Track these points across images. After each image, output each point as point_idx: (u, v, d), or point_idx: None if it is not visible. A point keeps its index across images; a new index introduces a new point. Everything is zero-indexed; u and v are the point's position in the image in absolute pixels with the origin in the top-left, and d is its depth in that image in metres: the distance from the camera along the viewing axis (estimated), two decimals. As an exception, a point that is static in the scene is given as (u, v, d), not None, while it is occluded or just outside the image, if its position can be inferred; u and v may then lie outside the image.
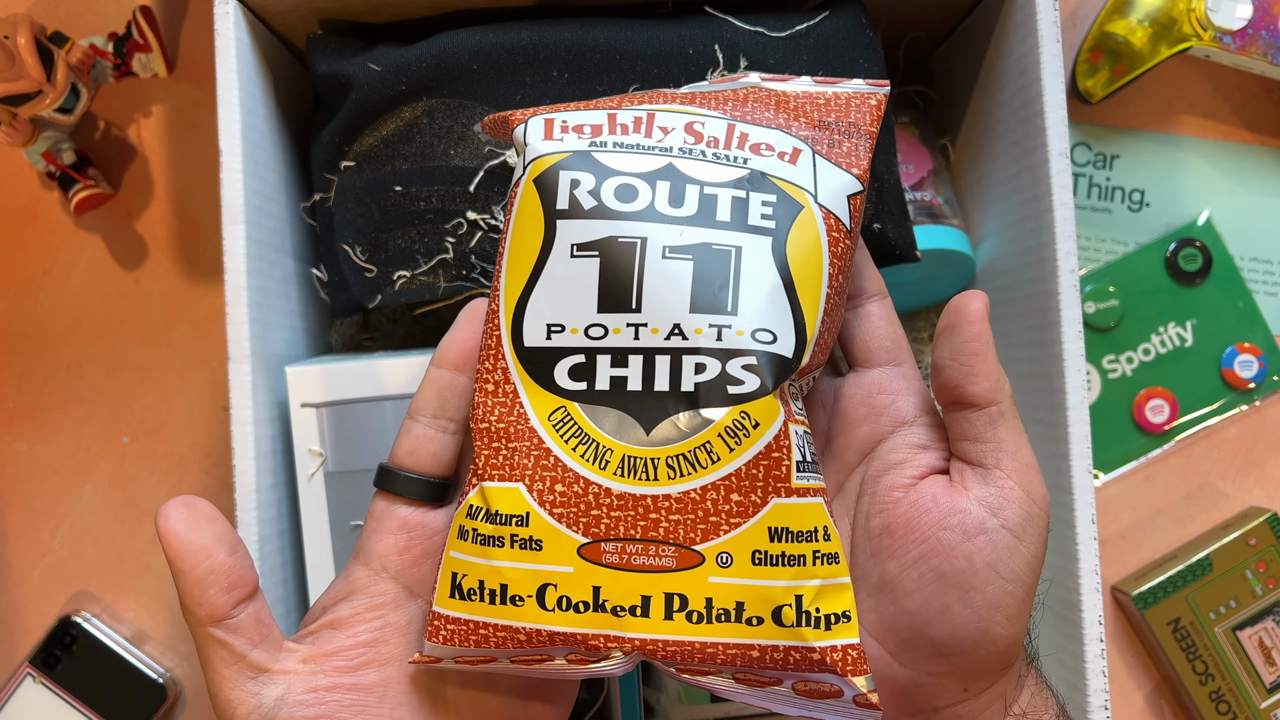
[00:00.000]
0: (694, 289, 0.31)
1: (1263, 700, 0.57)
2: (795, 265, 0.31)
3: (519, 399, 0.32)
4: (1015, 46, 0.46)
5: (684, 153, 0.33)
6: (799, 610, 0.30)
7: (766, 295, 0.31)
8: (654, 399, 0.31)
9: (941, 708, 0.33)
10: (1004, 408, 0.32)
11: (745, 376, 0.30)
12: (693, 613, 0.30)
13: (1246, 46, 0.56)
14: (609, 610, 0.30)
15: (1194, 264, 0.61)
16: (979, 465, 0.32)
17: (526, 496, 0.31)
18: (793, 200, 0.32)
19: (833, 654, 0.30)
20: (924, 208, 0.52)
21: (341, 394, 0.44)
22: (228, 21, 0.43)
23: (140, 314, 0.60)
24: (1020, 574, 0.31)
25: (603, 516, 0.30)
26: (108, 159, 0.60)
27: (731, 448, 0.30)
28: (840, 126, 0.34)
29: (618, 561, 0.30)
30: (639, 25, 0.44)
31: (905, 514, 0.32)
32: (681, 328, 0.31)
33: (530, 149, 0.34)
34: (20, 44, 0.51)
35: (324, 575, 0.45)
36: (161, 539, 0.30)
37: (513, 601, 0.30)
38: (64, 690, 0.57)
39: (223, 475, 0.59)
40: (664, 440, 0.30)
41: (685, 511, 0.30)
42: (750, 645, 0.30)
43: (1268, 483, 0.61)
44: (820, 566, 0.30)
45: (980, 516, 0.31)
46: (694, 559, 0.30)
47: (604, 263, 0.31)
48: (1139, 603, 0.57)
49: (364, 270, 0.45)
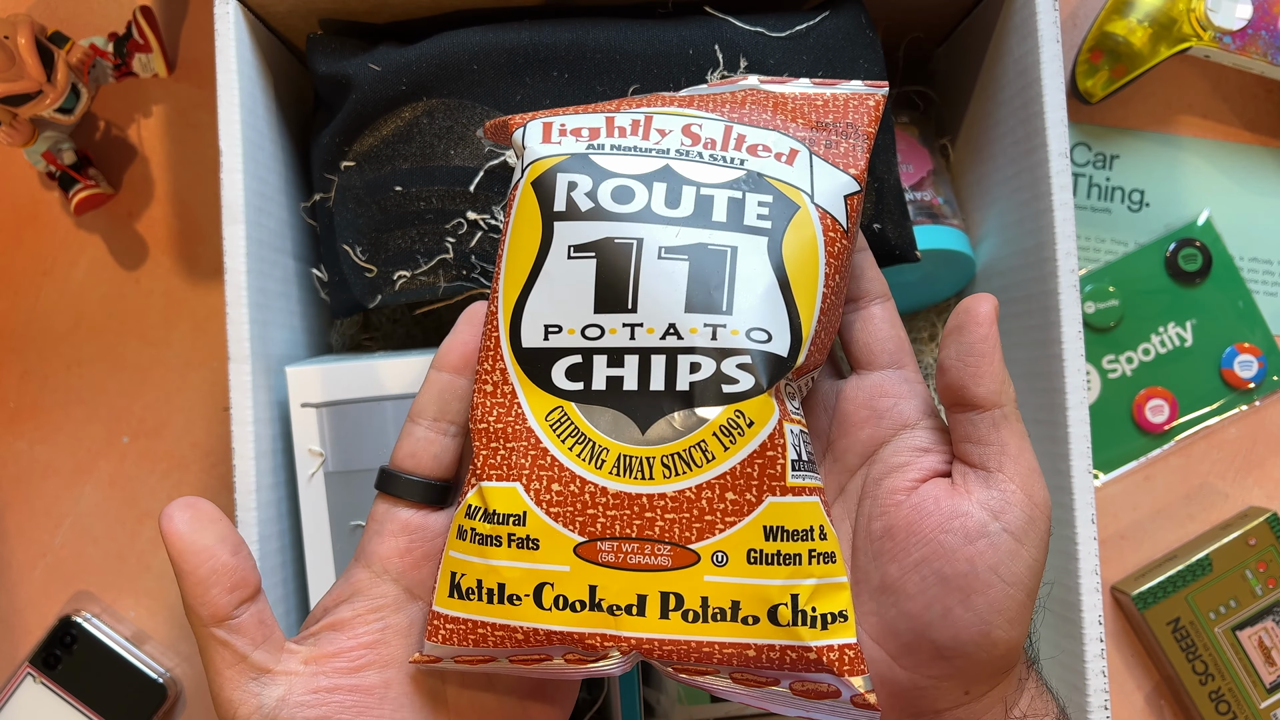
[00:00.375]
0: (689, 289, 0.31)
1: (1262, 700, 0.57)
2: (791, 265, 0.32)
3: (517, 399, 0.32)
4: (1015, 46, 0.46)
5: (681, 154, 0.33)
6: (795, 609, 0.30)
7: (761, 295, 0.31)
8: (649, 398, 0.31)
9: (942, 710, 0.33)
10: (1007, 411, 0.32)
11: (740, 375, 0.30)
12: (689, 612, 0.30)
13: (1246, 46, 0.56)
14: (605, 609, 0.30)
15: (1194, 264, 0.61)
16: (981, 468, 0.32)
17: (524, 496, 0.31)
18: (789, 200, 0.32)
19: (829, 654, 0.30)
20: (924, 208, 0.52)
21: (341, 394, 0.44)
22: (228, 21, 0.43)
23: (140, 314, 0.60)
24: (1022, 577, 0.31)
25: (599, 515, 0.31)
26: (108, 159, 0.60)
27: (726, 446, 0.30)
28: (838, 127, 0.34)
29: (614, 560, 0.30)
30: (639, 25, 0.44)
31: (907, 517, 0.32)
32: (677, 327, 0.31)
33: (529, 152, 0.34)
34: (20, 44, 0.51)
35: (324, 575, 0.45)
36: (165, 539, 0.31)
37: (510, 600, 0.31)
38: (64, 690, 0.57)
39: (223, 475, 0.59)
40: (659, 439, 0.30)
41: (680, 510, 0.30)
42: (746, 645, 0.30)
43: (1267, 483, 0.61)
44: (816, 566, 0.30)
45: (982, 519, 0.31)
46: (689, 558, 0.30)
47: (601, 263, 0.31)
48: (1139, 603, 0.57)
49: (364, 270, 0.45)
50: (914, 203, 0.52)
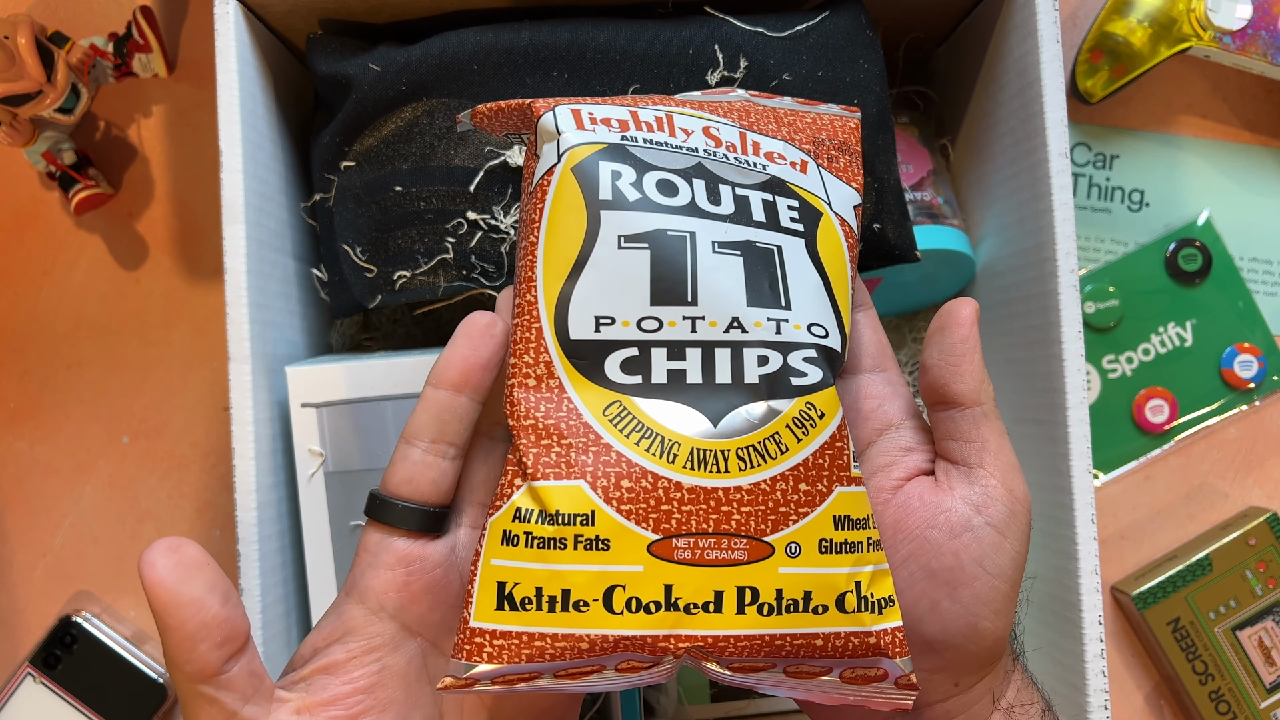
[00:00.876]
0: (748, 283, 0.31)
1: (1262, 700, 0.57)
2: (828, 266, 0.33)
3: (566, 393, 0.30)
4: (1015, 46, 0.46)
5: (708, 155, 0.33)
6: (859, 596, 0.30)
7: (813, 292, 0.32)
8: (717, 391, 0.30)
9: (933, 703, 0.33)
10: (987, 409, 0.33)
11: (807, 369, 0.31)
12: (764, 605, 0.29)
13: (1246, 46, 0.56)
14: (682, 608, 0.29)
15: (1194, 264, 0.61)
16: (963, 464, 0.33)
17: (590, 494, 0.29)
18: (813, 207, 0.33)
19: (885, 637, 0.30)
20: (924, 208, 0.52)
21: (341, 394, 0.44)
22: (228, 21, 0.43)
23: (140, 314, 0.60)
24: (1005, 569, 0.32)
25: (674, 511, 0.29)
26: (108, 159, 0.60)
27: (799, 438, 0.31)
28: (833, 144, 0.36)
29: (690, 557, 0.29)
30: (639, 25, 0.44)
31: (893, 515, 0.33)
32: (741, 321, 0.31)
33: (564, 138, 0.32)
34: (20, 44, 0.51)
35: (324, 575, 0.45)
36: (147, 589, 0.28)
37: (576, 607, 0.29)
38: (64, 690, 0.57)
39: (223, 475, 0.59)
40: (733, 432, 0.30)
41: (756, 503, 0.30)
42: (815, 634, 0.30)
43: (1267, 483, 0.61)
44: (873, 552, 0.31)
45: (965, 514, 0.32)
46: (765, 550, 0.30)
47: (655, 255, 0.31)
48: (1139, 603, 0.57)
49: (364, 270, 0.45)
50: (914, 203, 0.52)
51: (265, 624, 0.42)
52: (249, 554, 0.41)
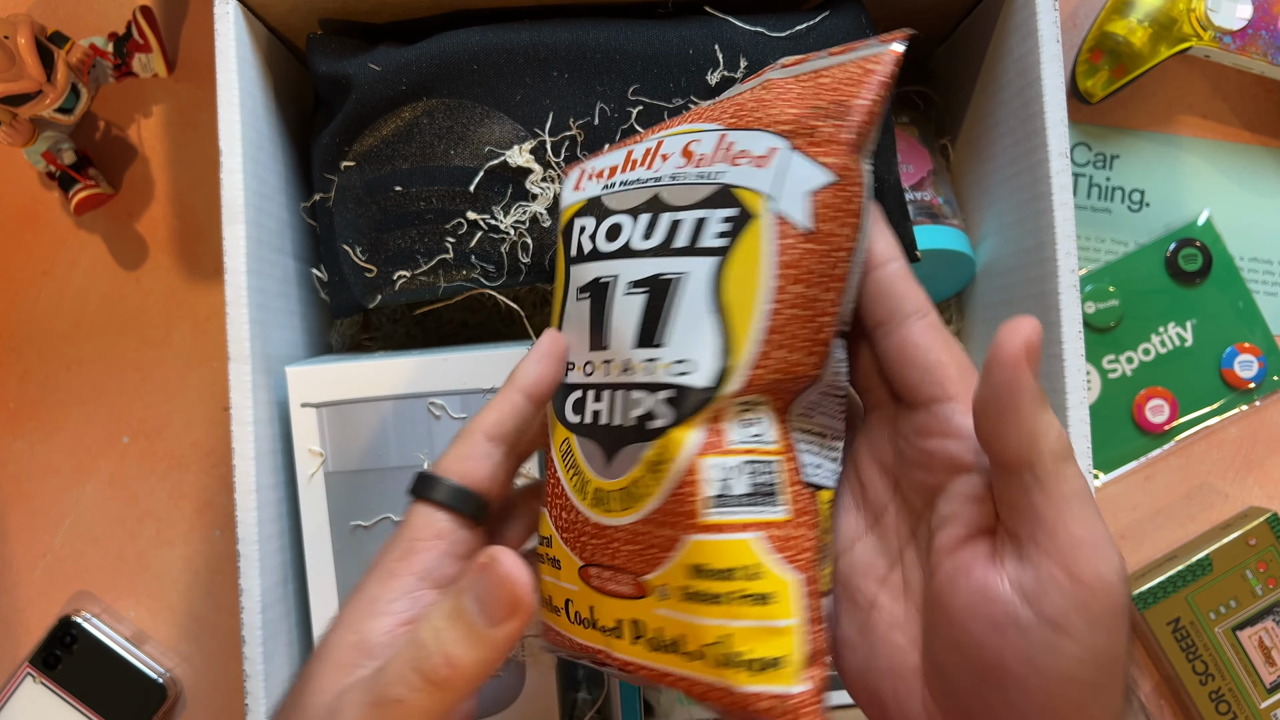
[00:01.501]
0: (641, 323, 0.31)
1: (1263, 700, 0.57)
2: (730, 285, 0.30)
3: (552, 432, 0.35)
4: (1015, 46, 0.46)
5: (672, 179, 0.32)
6: (726, 651, 0.28)
7: (693, 323, 0.30)
8: (612, 433, 0.32)
9: None
10: (1042, 472, 0.26)
11: (663, 411, 0.30)
12: (651, 640, 0.30)
13: (1246, 46, 0.56)
14: (600, 629, 0.32)
15: (1194, 264, 0.61)
16: (1014, 537, 0.27)
17: (549, 521, 0.34)
18: (747, 212, 0.30)
19: (760, 701, 0.28)
20: (924, 208, 0.52)
21: (341, 394, 0.44)
22: (228, 21, 0.43)
23: (140, 314, 0.60)
24: (1070, 672, 0.25)
25: (588, 543, 0.32)
26: (108, 159, 0.60)
27: (654, 483, 0.30)
28: (829, 109, 0.31)
29: (598, 585, 0.32)
30: (639, 25, 0.44)
31: (942, 588, 0.28)
32: (630, 362, 0.31)
33: (563, 200, 0.36)
34: (20, 44, 0.51)
35: (324, 575, 0.45)
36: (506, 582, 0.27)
37: (556, 611, 0.34)
38: (64, 690, 0.57)
39: (223, 475, 0.59)
40: (618, 473, 0.31)
41: (633, 543, 0.31)
42: (694, 680, 0.29)
43: (1268, 483, 0.61)
44: (747, 607, 0.28)
45: (1011, 605, 0.26)
46: (642, 589, 0.31)
47: (592, 303, 0.33)
48: (1139, 603, 0.57)
49: (364, 270, 0.45)
50: (914, 203, 0.52)
51: (265, 624, 0.42)
52: (249, 554, 0.41)
